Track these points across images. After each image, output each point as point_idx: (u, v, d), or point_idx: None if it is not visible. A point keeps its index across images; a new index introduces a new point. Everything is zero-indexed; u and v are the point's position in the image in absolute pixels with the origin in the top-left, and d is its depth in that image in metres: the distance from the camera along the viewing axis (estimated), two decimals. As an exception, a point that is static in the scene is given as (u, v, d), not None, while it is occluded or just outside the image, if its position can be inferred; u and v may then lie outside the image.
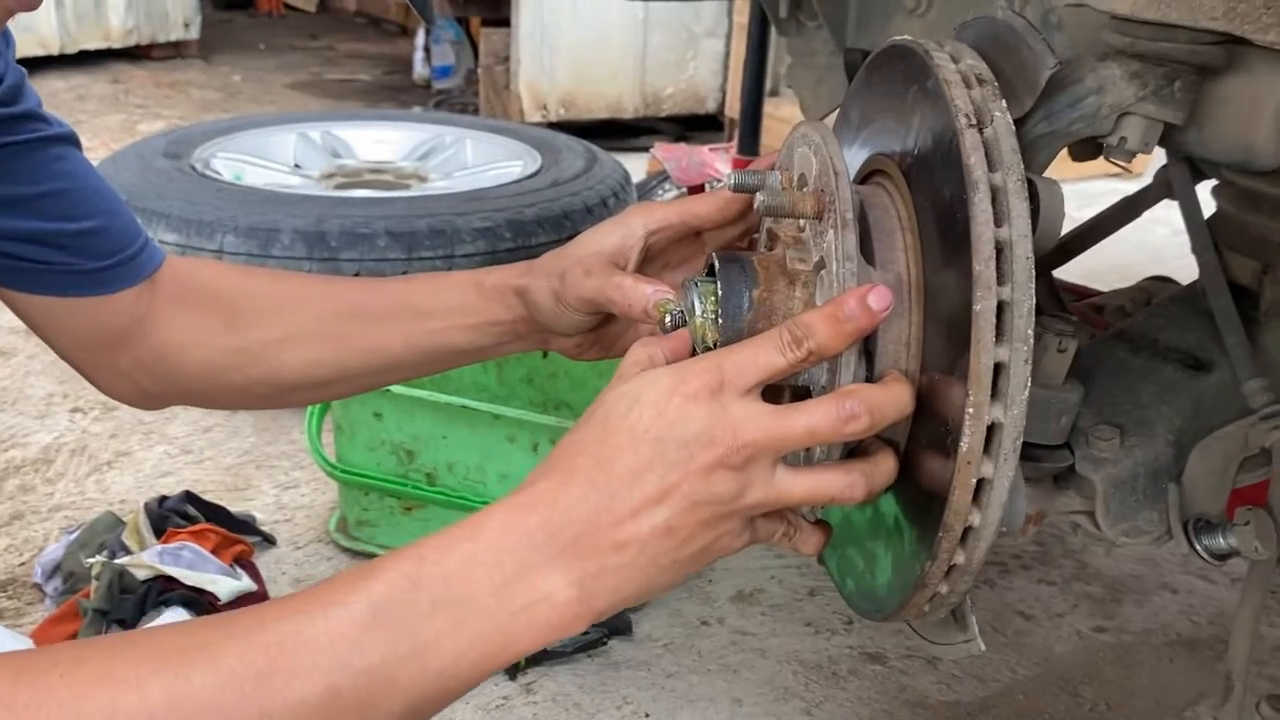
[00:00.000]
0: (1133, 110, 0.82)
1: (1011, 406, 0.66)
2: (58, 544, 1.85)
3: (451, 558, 0.65)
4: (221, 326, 1.03)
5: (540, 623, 0.65)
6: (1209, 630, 1.85)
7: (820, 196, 0.73)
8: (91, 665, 0.60)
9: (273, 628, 0.62)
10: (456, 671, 0.65)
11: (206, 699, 0.59)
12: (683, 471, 0.66)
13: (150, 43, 6.08)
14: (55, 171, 0.97)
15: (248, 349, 1.03)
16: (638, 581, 0.67)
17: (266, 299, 1.04)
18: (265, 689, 0.60)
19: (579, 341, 0.98)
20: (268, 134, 3.12)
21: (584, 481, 0.66)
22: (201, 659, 0.60)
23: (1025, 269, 0.66)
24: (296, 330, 1.02)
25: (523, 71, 4.61)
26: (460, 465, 1.80)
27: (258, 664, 0.60)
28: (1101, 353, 1.03)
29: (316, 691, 0.61)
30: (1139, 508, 0.94)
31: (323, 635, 0.62)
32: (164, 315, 1.04)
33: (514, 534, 0.65)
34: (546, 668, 1.66)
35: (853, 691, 1.66)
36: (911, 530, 0.74)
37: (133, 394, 1.08)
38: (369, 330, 1.01)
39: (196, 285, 1.05)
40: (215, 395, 1.09)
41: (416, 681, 0.64)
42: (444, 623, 0.64)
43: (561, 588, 0.65)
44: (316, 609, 0.63)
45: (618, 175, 2.90)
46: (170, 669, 0.60)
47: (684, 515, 0.66)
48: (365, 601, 0.63)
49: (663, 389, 0.67)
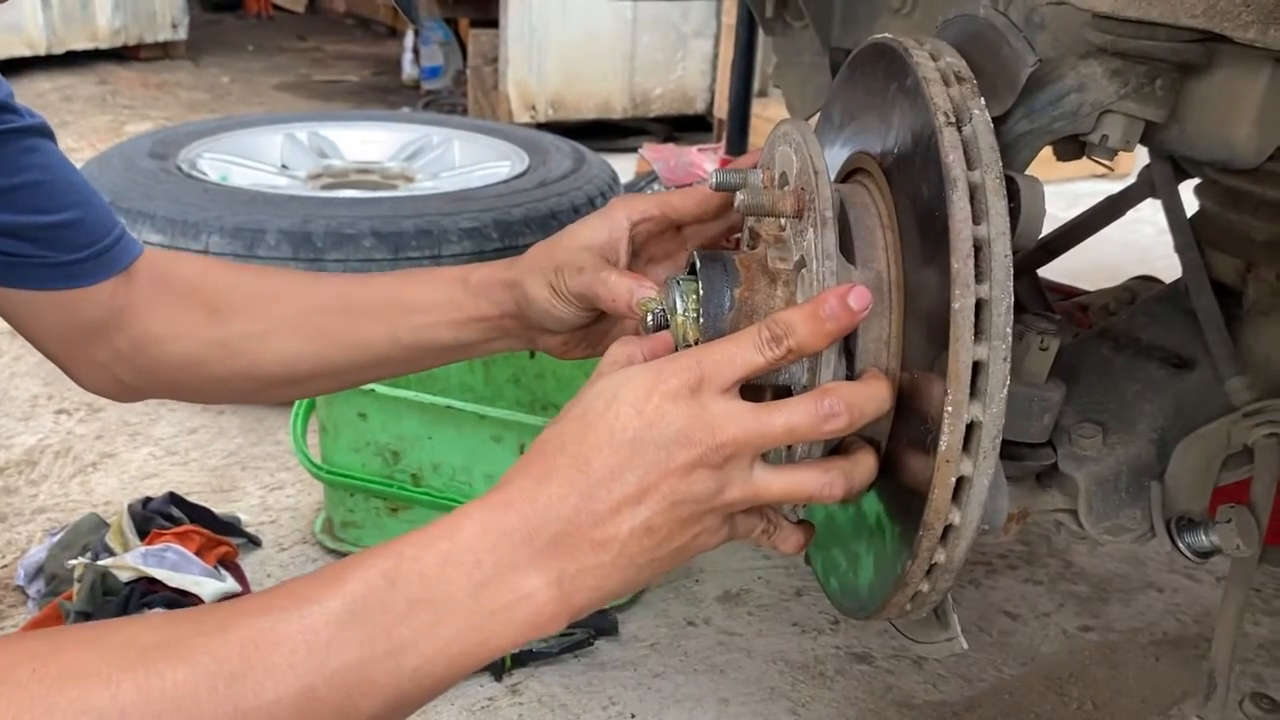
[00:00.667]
0: (1114, 108, 0.82)
1: (990, 405, 0.66)
2: (41, 546, 1.84)
3: (429, 556, 0.65)
4: (203, 319, 1.02)
5: (518, 622, 0.65)
6: (1194, 629, 1.85)
7: (800, 195, 0.73)
8: (63, 659, 0.59)
9: (247, 624, 0.62)
10: (433, 670, 0.64)
11: (179, 696, 0.59)
12: (662, 471, 0.65)
13: (138, 43, 6.06)
14: (27, 164, 0.96)
15: (229, 342, 1.02)
16: (616, 580, 0.67)
17: (249, 292, 1.03)
18: (239, 688, 0.60)
19: (566, 339, 0.97)
20: (254, 134, 3.11)
21: (562, 480, 0.66)
22: (175, 655, 0.60)
23: (1004, 267, 0.66)
24: (279, 324, 1.02)
25: (511, 72, 4.61)
26: (446, 466, 1.79)
27: (232, 662, 0.60)
28: (1085, 351, 1.03)
29: (292, 691, 0.61)
30: (1121, 506, 0.94)
31: (298, 633, 0.61)
32: (143, 307, 1.03)
33: (492, 534, 0.65)
34: (532, 669, 1.65)
35: (839, 691, 1.66)
36: (893, 529, 0.74)
37: (110, 386, 1.07)
38: (353, 325, 1.01)
39: (178, 278, 1.05)
40: (194, 388, 1.08)
41: (394, 680, 0.63)
42: (421, 622, 0.63)
43: (540, 587, 0.65)
44: (292, 606, 0.62)
45: (606, 175, 2.90)
46: (143, 665, 0.59)
47: (663, 514, 0.66)
48: (341, 599, 0.63)
49: (641, 387, 0.67)
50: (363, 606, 0.63)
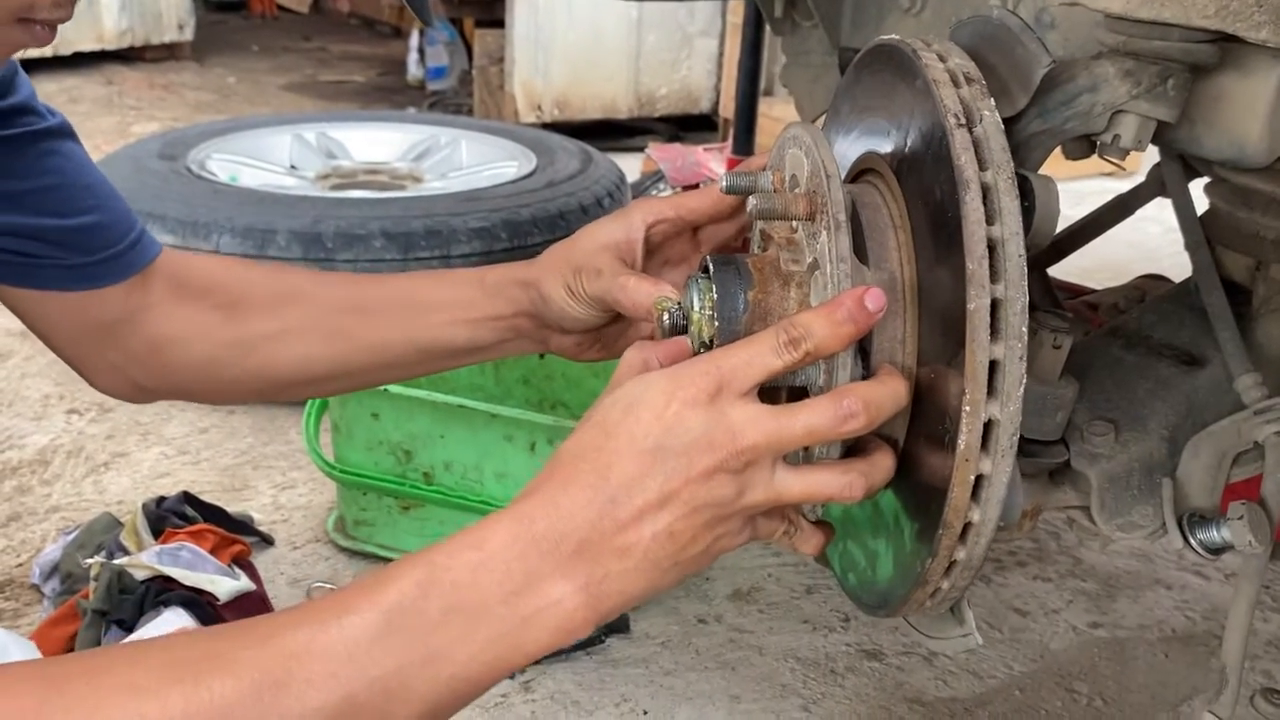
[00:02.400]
0: (1126, 108, 0.83)
1: (1008, 403, 0.67)
2: (55, 545, 1.86)
3: (460, 566, 0.66)
4: (219, 319, 1.03)
5: (550, 627, 0.66)
6: (1203, 625, 1.85)
7: (812, 198, 0.73)
8: (115, 674, 0.61)
9: (289, 636, 0.63)
10: (469, 675, 0.65)
11: (225, 707, 0.60)
12: (683, 477, 0.66)
13: (144, 44, 6.06)
14: (47, 167, 0.96)
15: (245, 341, 1.02)
16: (642, 584, 0.68)
17: (266, 292, 1.03)
18: (283, 698, 0.61)
19: (580, 340, 0.98)
20: (263, 135, 3.12)
21: (585, 488, 0.67)
22: (219, 668, 0.61)
23: (1018, 266, 0.67)
24: (295, 324, 1.02)
25: (517, 72, 4.62)
26: (458, 464, 1.80)
27: (275, 673, 0.61)
28: (1096, 349, 1.04)
29: (333, 700, 0.62)
30: (1133, 503, 0.94)
31: (338, 643, 0.63)
32: (158, 309, 1.03)
33: (520, 542, 0.66)
34: (545, 666, 1.66)
35: (850, 688, 1.67)
36: (911, 526, 0.74)
37: (123, 388, 1.07)
38: (369, 325, 1.01)
39: (194, 278, 1.04)
40: (209, 389, 1.08)
41: (430, 688, 0.64)
42: (456, 630, 0.65)
43: (569, 594, 0.66)
44: (331, 617, 0.64)
45: (613, 175, 2.91)
46: (190, 678, 0.61)
47: (685, 519, 0.67)
48: (378, 609, 0.64)
49: (661, 394, 0.67)
50: (400, 615, 0.64)
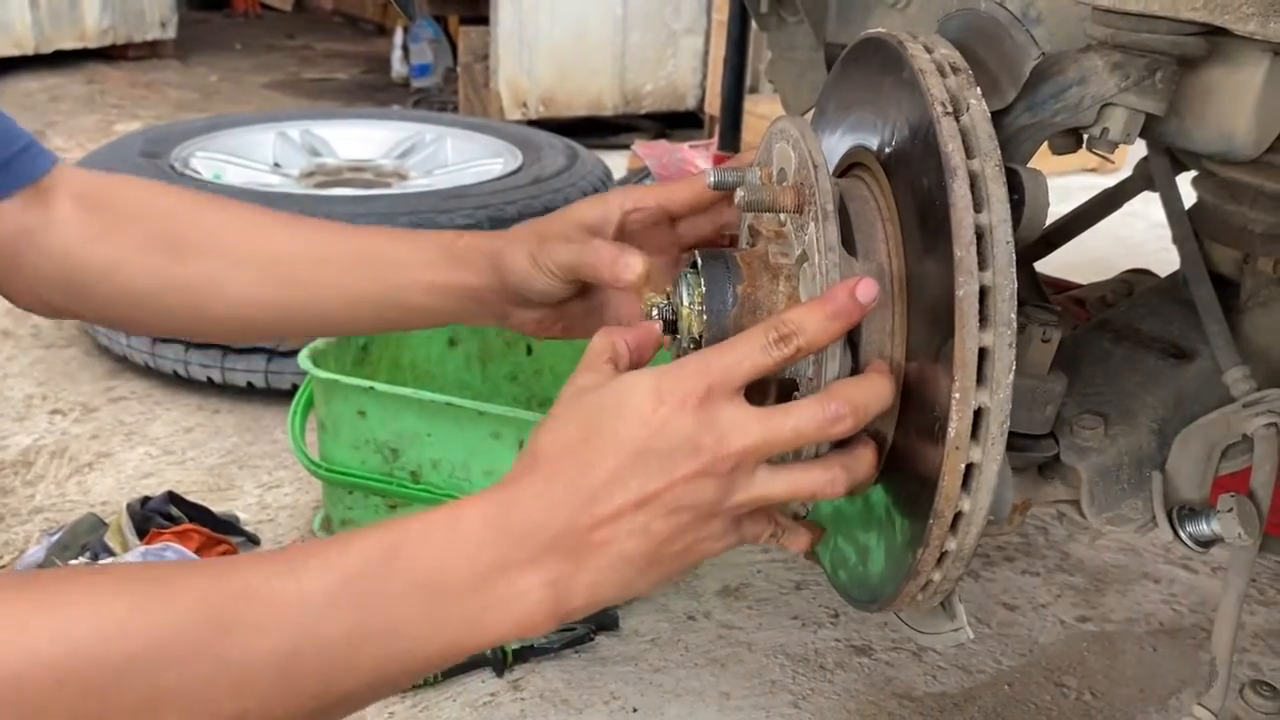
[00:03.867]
0: (1115, 101, 0.82)
1: (997, 391, 0.66)
2: (39, 546, 1.84)
3: (429, 544, 0.65)
4: (156, 253, 0.97)
5: (510, 618, 0.65)
6: (1190, 619, 1.86)
7: (800, 190, 0.73)
8: (43, 588, 0.58)
9: (241, 575, 0.61)
10: (419, 653, 0.65)
11: (164, 633, 0.58)
12: (666, 479, 0.65)
13: (126, 43, 6.03)
14: None
15: (182, 278, 0.97)
16: (614, 583, 0.67)
17: (216, 229, 0.98)
18: (227, 637, 0.59)
19: (541, 317, 0.96)
20: (247, 133, 3.10)
21: (566, 483, 0.66)
22: (165, 592, 0.59)
23: (1006, 253, 0.67)
24: (246, 265, 0.97)
25: (502, 69, 4.60)
26: (445, 462, 1.79)
27: (224, 611, 0.59)
28: (1084, 343, 1.04)
29: (280, 652, 0.60)
30: (1123, 496, 0.95)
31: (292, 593, 0.61)
32: (64, 227, 0.96)
33: (493, 529, 0.65)
34: (534, 664, 1.66)
35: (840, 684, 1.66)
36: (902, 519, 0.74)
37: (37, 305, 1.01)
38: (324, 275, 0.97)
39: (116, 202, 0.99)
40: (134, 319, 1.02)
41: (378, 662, 0.63)
42: (415, 607, 0.64)
43: (535, 587, 0.65)
44: (287, 567, 0.62)
45: (599, 172, 2.90)
46: (130, 596, 0.58)
47: (663, 520, 0.66)
48: (338, 570, 0.63)
49: (649, 396, 0.66)
50: (359, 581, 0.63)
